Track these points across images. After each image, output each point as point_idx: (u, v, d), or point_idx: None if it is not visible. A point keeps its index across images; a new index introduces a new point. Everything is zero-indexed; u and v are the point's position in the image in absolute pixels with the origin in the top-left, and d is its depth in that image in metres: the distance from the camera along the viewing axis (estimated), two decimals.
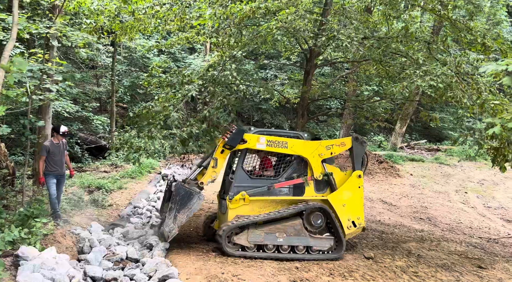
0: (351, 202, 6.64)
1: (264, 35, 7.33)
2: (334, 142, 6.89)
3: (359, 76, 13.43)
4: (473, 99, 6.41)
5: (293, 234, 6.20)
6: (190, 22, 8.22)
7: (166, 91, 7.75)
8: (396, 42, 7.08)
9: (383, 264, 6.37)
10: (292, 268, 5.71)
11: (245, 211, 6.16)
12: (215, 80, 7.36)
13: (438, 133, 23.78)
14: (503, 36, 9.07)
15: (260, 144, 6.25)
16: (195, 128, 6.76)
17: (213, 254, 6.04)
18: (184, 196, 5.93)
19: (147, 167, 12.20)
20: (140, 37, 15.79)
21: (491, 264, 6.88)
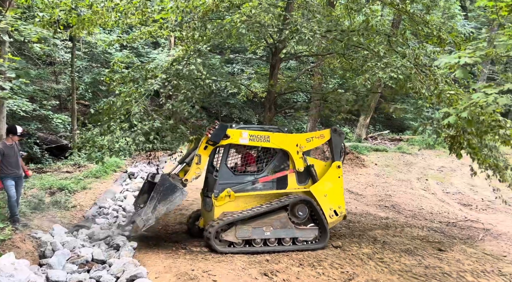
0: (332, 192, 6.84)
1: (229, 29, 7.28)
2: (314, 134, 7.05)
3: (324, 69, 13.66)
4: (430, 90, 6.68)
5: (279, 226, 6.32)
6: (152, 15, 8.02)
7: (129, 87, 7.55)
8: (358, 35, 7.24)
9: (351, 252, 6.56)
10: (263, 261, 5.75)
11: (231, 208, 6.21)
12: (179, 74, 7.24)
13: (400, 124, 24.66)
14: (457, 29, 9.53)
15: (243, 138, 6.28)
16: (158, 122, 6.63)
17: (182, 251, 5.98)
18: (168, 188, 5.85)
19: (112, 166, 11.85)
20: (100, 32, 15.21)
21: (450, 246, 7.25)
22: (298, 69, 19.83)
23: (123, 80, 8.01)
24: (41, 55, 14.56)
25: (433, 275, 5.61)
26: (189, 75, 7.78)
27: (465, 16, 24.68)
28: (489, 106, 3.62)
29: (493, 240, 7.93)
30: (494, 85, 3.94)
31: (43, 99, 14.72)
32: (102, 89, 17.70)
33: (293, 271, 5.40)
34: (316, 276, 5.28)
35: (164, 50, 20.16)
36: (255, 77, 13.60)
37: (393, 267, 5.88)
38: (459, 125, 5.85)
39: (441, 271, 5.83)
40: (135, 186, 10.96)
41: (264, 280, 4.96)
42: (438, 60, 3.85)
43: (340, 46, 7.60)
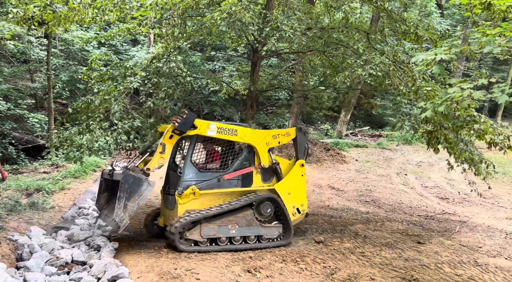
0: (295, 190, 6.87)
1: (209, 27, 7.23)
2: (280, 131, 7.08)
3: (305, 66, 13.76)
4: (408, 86, 6.82)
5: (244, 224, 6.26)
6: (131, 12, 7.89)
7: (107, 85, 7.42)
8: (337, 33, 7.32)
9: (333, 246, 6.65)
10: (246, 258, 5.77)
11: (195, 205, 6.06)
12: (159, 72, 7.16)
13: (380, 120, 25.08)
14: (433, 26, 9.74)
15: (210, 130, 6.13)
16: (138, 121, 6.53)
17: (165, 250, 5.92)
18: (133, 183, 5.56)
19: (92, 165, 11.61)
20: (77, 29, 14.84)
21: (428, 239, 7.44)
22: (279, 66, 19.88)
23: (101, 78, 7.85)
24: (15, 53, 14.09)
25: (412, 268, 5.75)
26: (169, 73, 7.70)
27: (441, 14, 25.28)
28: (465, 101, 3.72)
29: (469, 232, 8.19)
30: (469, 81, 4.06)
31: (18, 98, 14.26)
32: (80, 88, 17.30)
33: (276, 267, 5.44)
34: (299, 271, 5.33)
35: (144, 48, 19.86)
36: (237, 75, 13.55)
37: (374, 261, 5.99)
38: (436, 121, 6.00)
39: (420, 263, 5.98)
40: None
41: (248, 277, 4.97)
42: (415, 57, 3.93)
43: (320, 43, 7.66)
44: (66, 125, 7.22)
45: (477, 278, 5.45)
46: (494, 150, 6.87)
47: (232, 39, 10.46)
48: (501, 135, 6.32)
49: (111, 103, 6.73)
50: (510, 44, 4.51)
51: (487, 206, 10.96)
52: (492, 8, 7.35)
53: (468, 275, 5.56)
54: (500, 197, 11.88)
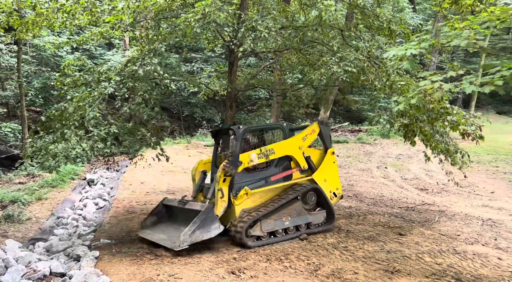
0: (330, 176, 7.61)
1: (183, 28, 7.15)
2: (307, 131, 7.60)
3: (282, 65, 13.80)
4: (383, 81, 6.93)
5: (295, 215, 6.90)
6: (103, 16, 7.73)
7: (81, 90, 7.23)
8: (312, 31, 7.36)
9: (316, 243, 6.69)
10: (230, 259, 5.74)
11: (248, 204, 6.62)
12: (134, 75, 7.03)
13: (359, 115, 25.45)
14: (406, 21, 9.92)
15: (252, 160, 6.78)
16: (115, 128, 6.40)
17: (148, 256, 5.84)
18: (210, 218, 6.08)
19: (70, 174, 11.35)
20: (48, 34, 14.46)
21: (409, 230, 7.59)
22: (257, 65, 19.90)
23: (74, 84, 7.66)
24: None
25: (394, 259, 5.85)
26: (145, 76, 7.58)
27: (413, 9, 25.82)
28: (436, 93, 3.80)
29: (448, 221, 8.39)
30: (439, 74, 4.15)
31: None
32: (54, 94, 16.88)
33: (261, 266, 5.43)
34: (283, 269, 5.34)
35: (119, 51, 19.53)
36: (215, 76, 13.48)
37: (357, 255, 6.06)
38: (410, 114, 6.12)
39: (402, 254, 6.09)
40: (96, 193, 10.58)
41: (232, 278, 4.95)
42: (387, 52, 3.99)
43: (295, 42, 7.69)
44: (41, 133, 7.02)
45: (456, 265, 5.59)
46: (468, 140, 7.06)
47: (208, 40, 10.39)
48: (473, 125, 6.50)
49: (85, 110, 6.57)
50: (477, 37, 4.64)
51: (464, 194, 11.26)
52: (460, 2, 7.57)
53: (447, 263, 5.69)
54: (476, 185, 12.23)
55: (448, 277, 5.08)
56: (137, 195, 10.59)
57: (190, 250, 6.19)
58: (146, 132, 7.49)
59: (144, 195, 10.69)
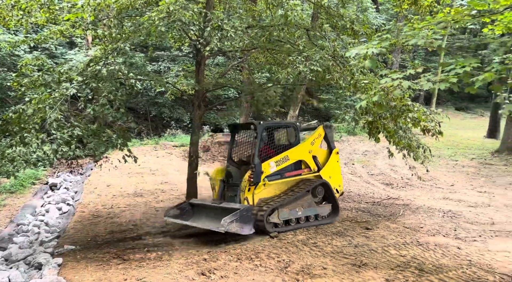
0: (334, 174, 8.37)
1: (148, 27, 7.00)
2: (314, 136, 8.35)
3: (250, 64, 13.80)
4: (347, 80, 7.09)
5: (306, 206, 7.54)
6: (61, 14, 7.43)
7: (41, 91, 6.92)
8: (278, 30, 7.41)
9: (286, 240, 6.76)
10: (200, 260, 5.69)
11: (265, 194, 7.31)
12: (97, 75, 6.81)
13: (327, 113, 25.90)
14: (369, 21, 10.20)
15: (272, 168, 7.45)
16: (79, 130, 6.18)
17: (114, 261, 5.69)
18: (248, 218, 6.63)
19: (30, 178, 10.86)
20: (4, 32, 13.73)
21: (375, 224, 7.82)
22: (226, 65, 19.82)
23: (33, 85, 7.31)
24: None
25: (361, 253, 6.01)
26: (109, 76, 7.36)
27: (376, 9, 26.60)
28: (396, 90, 3.93)
29: (412, 214, 8.72)
30: (399, 72, 4.29)
31: None
32: (11, 95, 16.07)
33: (231, 266, 5.42)
34: (253, 268, 5.36)
35: (82, 50, 18.86)
36: (182, 75, 13.30)
37: (326, 250, 6.18)
38: (374, 111, 6.30)
39: (369, 248, 6.27)
40: (59, 197, 10.17)
41: (202, 279, 4.91)
42: (349, 52, 4.08)
43: (262, 41, 7.72)
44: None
45: (419, 256, 5.82)
46: (428, 135, 7.37)
47: (174, 39, 10.24)
48: (433, 122, 6.79)
49: (46, 112, 6.29)
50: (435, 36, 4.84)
51: (426, 188, 11.74)
52: (419, 3, 7.87)
53: (411, 255, 5.91)
54: (437, 179, 12.79)
55: (411, 268, 5.28)
56: (103, 198, 10.28)
57: (159, 252, 6.09)
58: (112, 134, 7.29)
59: (111, 198, 10.40)
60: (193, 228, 7.49)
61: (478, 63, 3.56)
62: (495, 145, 17.77)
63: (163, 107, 20.49)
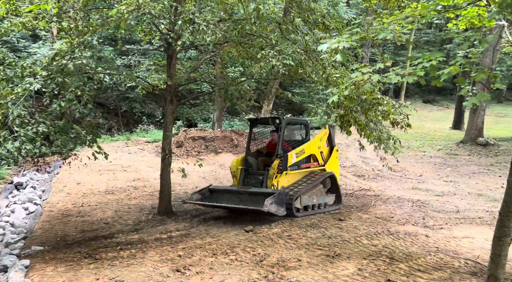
0: (334, 168, 9.35)
1: (116, 20, 6.78)
2: (322, 134, 9.34)
3: (224, 58, 13.70)
4: (320, 74, 7.16)
5: (319, 195, 8.44)
6: (23, 5, 7.07)
7: (2, 86, 6.58)
8: (250, 24, 7.37)
9: (262, 233, 6.81)
10: (175, 257, 5.63)
11: (285, 182, 8.12)
12: (63, 70, 6.55)
13: (300, 107, 26.17)
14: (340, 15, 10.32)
15: (293, 158, 8.38)
16: (44, 126, 5.94)
17: (86, 260, 5.54)
18: (282, 201, 7.40)
19: None
20: None
21: (348, 215, 8.00)
22: (198, 59, 19.57)
23: None
24: None
25: (335, 244, 6.13)
26: (76, 71, 7.10)
27: (347, 3, 26.99)
28: (365, 84, 4.00)
29: (383, 204, 8.98)
30: (369, 66, 4.37)
31: None
32: None
33: (207, 262, 5.40)
34: (229, 263, 5.36)
35: (47, 43, 18.10)
36: (153, 69, 13.01)
37: (301, 242, 6.27)
38: (345, 105, 6.40)
39: (342, 239, 6.41)
40: (25, 197, 9.77)
41: (177, 276, 4.86)
42: (320, 46, 4.10)
43: (234, 35, 7.66)
44: None
45: (390, 245, 6.01)
46: (397, 127, 7.57)
47: (145, 32, 9.98)
48: (402, 115, 6.98)
49: (8, 108, 6.00)
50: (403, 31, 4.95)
51: (396, 179, 12.12)
52: None
53: (382, 244, 6.09)
54: (406, 169, 13.22)
55: (383, 257, 5.44)
56: (73, 197, 9.98)
57: (132, 250, 5.99)
58: (81, 130, 7.04)
59: (81, 196, 10.11)
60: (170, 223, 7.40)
61: (443, 57, 3.67)
62: (460, 135, 18.54)
63: (134, 102, 20.05)
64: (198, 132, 17.32)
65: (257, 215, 7.94)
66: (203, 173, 13.26)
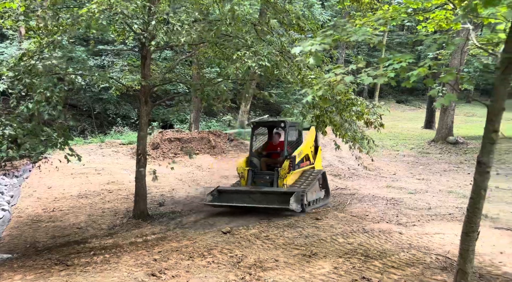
0: (319, 166, 10.16)
1: (87, 19, 6.60)
2: (311, 136, 9.86)
3: (199, 59, 13.59)
4: (295, 75, 7.22)
5: (317, 191, 9.07)
6: None
7: None
8: (225, 25, 7.35)
9: (239, 235, 6.79)
10: (150, 261, 5.54)
11: (289, 181, 8.65)
12: (31, 71, 6.33)
13: (278, 108, 26.32)
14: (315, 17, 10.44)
15: (297, 157, 9.01)
16: (11, 129, 5.72)
17: (56, 267, 5.36)
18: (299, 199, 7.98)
19: None
20: None
21: (325, 214, 8.09)
22: (174, 59, 19.35)
23: None
24: None
25: (311, 243, 6.19)
26: (45, 71, 6.87)
27: (322, 5, 27.36)
28: (339, 85, 4.05)
29: (358, 203, 9.14)
30: (342, 67, 4.44)
31: None
32: None
33: (183, 265, 5.34)
34: (206, 265, 5.31)
35: (14, 43, 17.44)
36: (128, 70, 12.77)
37: (278, 242, 6.29)
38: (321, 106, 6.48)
39: (318, 238, 6.47)
40: None
41: (152, 280, 4.77)
42: (294, 48, 4.13)
43: (209, 36, 7.61)
44: None
45: (365, 243, 6.11)
46: (371, 127, 7.74)
47: (118, 32, 9.78)
48: (375, 115, 7.13)
49: None
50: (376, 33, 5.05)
51: (371, 177, 12.36)
52: (360, 0, 8.19)
53: (358, 242, 6.19)
54: (381, 168, 13.52)
55: (358, 255, 5.53)
56: (44, 202, 9.65)
57: (106, 255, 5.84)
58: (52, 133, 6.82)
59: (52, 201, 9.79)
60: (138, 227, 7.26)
61: (413, 59, 3.77)
62: (431, 135, 19.13)
63: (108, 104, 19.62)
64: (175, 133, 17.12)
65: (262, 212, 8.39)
66: (180, 175, 13.12)
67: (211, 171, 13.99)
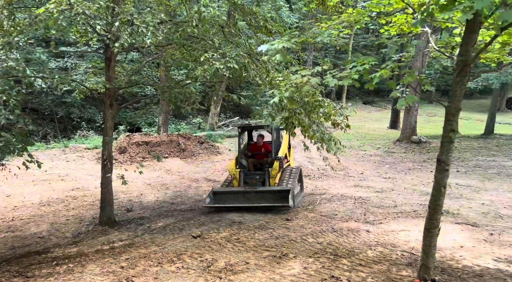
0: (292, 162, 10.99)
1: (45, 20, 6.33)
2: (287, 136, 10.36)
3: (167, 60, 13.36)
4: (263, 77, 7.24)
5: (296, 186, 9.42)
6: None
7: None
8: (192, 27, 7.26)
9: (210, 238, 6.71)
10: (117, 269, 5.36)
11: (276, 179, 9.22)
12: None
13: (248, 110, 26.38)
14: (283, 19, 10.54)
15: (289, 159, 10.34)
16: None
17: (15, 280, 5.07)
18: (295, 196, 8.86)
19: None
20: None
21: (295, 215, 8.16)
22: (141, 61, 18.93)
23: None
24: None
25: (282, 244, 6.22)
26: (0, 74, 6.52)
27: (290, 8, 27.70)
28: (305, 86, 4.10)
29: (327, 203, 9.28)
30: (308, 69, 4.50)
31: None
32: None
33: (151, 272, 5.21)
34: (175, 271, 5.21)
35: None
36: (92, 72, 12.35)
37: (249, 245, 6.27)
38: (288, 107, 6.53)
39: (289, 238, 6.51)
40: None
41: None
42: (260, 47, 4.15)
43: (176, 38, 7.50)
44: None
45: (334, 242, 6.21)
46: (338, 128, 7.88)
47: (80, 33, 9.45)
48: (342, 116, 7.28)
49: None
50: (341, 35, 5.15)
51: (340, 177, 12.60)
52: (326, 3, 8.35)
53: (327, 241, 6.28)
54: (349, 168, 13.81)
55: (327, 254, 5.61)
56: (2, 211, 9.14)
57: (70, 264, 5.61)
58: (11, 138, 6.46)
59: (11, 209, 9.29)
60: None
61: (375, 61, 3.88)
62: (396, 134, 19.78)
63: (71, 107, 18.93)
64: (143, 137, 16.74)
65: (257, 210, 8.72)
66: (148, 179, 12.84)
67: (181, 175, 13.79)
